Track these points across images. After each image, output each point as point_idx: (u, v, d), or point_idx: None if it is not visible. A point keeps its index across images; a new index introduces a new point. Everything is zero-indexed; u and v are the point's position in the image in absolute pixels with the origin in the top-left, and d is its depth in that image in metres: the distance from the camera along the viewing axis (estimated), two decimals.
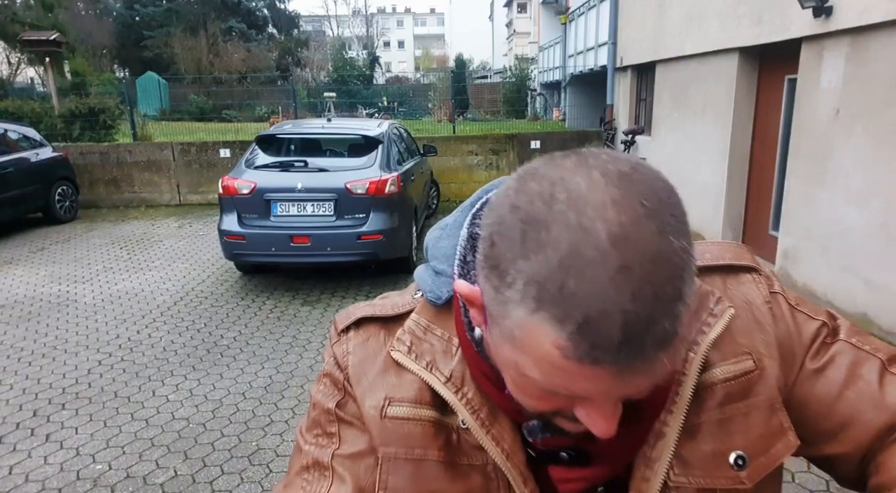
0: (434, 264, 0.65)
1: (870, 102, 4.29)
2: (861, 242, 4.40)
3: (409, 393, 0.62)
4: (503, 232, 0.45)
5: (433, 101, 21.66)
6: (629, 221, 0.42)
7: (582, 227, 0.42)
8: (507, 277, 0.44)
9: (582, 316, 0.40)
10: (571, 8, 15.19)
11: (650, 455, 0.58)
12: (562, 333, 0.41)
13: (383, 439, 0.62)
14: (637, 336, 0.41)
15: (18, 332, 4.68)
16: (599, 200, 0.42)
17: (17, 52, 22.77)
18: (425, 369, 0.61)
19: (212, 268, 6.32)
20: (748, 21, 5.76)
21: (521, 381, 0.49)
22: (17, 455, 3.07)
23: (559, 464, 0.59)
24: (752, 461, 0.59)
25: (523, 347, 0.45)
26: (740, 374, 0.59)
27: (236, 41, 29.60)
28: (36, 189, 8.10)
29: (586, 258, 0.41)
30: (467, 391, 0.60)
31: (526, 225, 0.44)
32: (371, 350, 0.65)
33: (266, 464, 2.99)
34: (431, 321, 0.64)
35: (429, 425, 0.61)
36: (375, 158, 5.59)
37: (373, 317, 0.67)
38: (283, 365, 4.08)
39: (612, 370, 0.42)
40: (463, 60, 33.60)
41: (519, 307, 0.43)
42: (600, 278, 0.40)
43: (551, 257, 0.42)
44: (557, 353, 0.42)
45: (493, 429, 0.59)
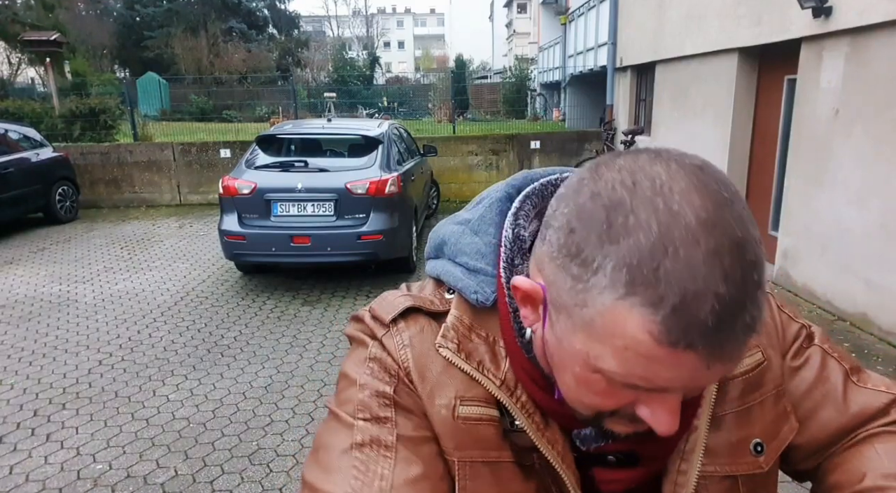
0: (465, 261, 0.62)
1: (869, 102, 4.29)
2: (861, 243, 4.40)
3: (478, 391, 0.59)
4: (584, 219, 0.45)
5: (433, 101, 21.65)
6: (714, 207, 0.43)
7: (670, 211, 0.42)
8: (592, 263, 0.44)
9: (677, 298, 0.41)
10: (571, 8, 15.20)
11: (684, 448, 0.60)
12: (655, 317, 0.41)
13: (458, 442, 0.58)
14: (729, 319, 0.41)
15: (19, 332, 4.69)
16: (682, 186, 0.43)
17: (18, 53, 22.79)
18: (476, 369, 0.59)
19: (212, 268, 6.32)
20: (748, 21, 5.76)
21: (588, 377, 0.48)
22: (18, 455, 3.08)
23: (604, 466, 0.60)
24: (767, 446, 0.62)
25: (605, 336, 0.44)
26: (754, 366, 0.63)
27: (237, 41, 29.62)
28: (36, 189, 8.10)
29: (679, 241, 0.41)
30: (521, 395, 0.59)
31: (610, 211, 0.44)
32: (429, 342, 0.60)
33: (266, 464, 3.00)
34: (473, 321, 0.61)
35: (499, 425, 0.59)
36: (375, 159, 5.60)
37: (420, 308, 0.62)
38: (284, 365, 4.08)
39: (702, 355, 0.42)
40: (463, 61, 33.58)
41: (606, 293, 0.43)
42: (694, 260, 0.41)
43: (642, 240, 0.42)
44: (648, 338, 0.42)
45: (547, 432, 0.59)
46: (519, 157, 10.08)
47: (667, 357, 0.43)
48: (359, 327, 0.65)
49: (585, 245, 0.45)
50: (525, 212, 0.62)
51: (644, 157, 0.47)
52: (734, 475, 0.61)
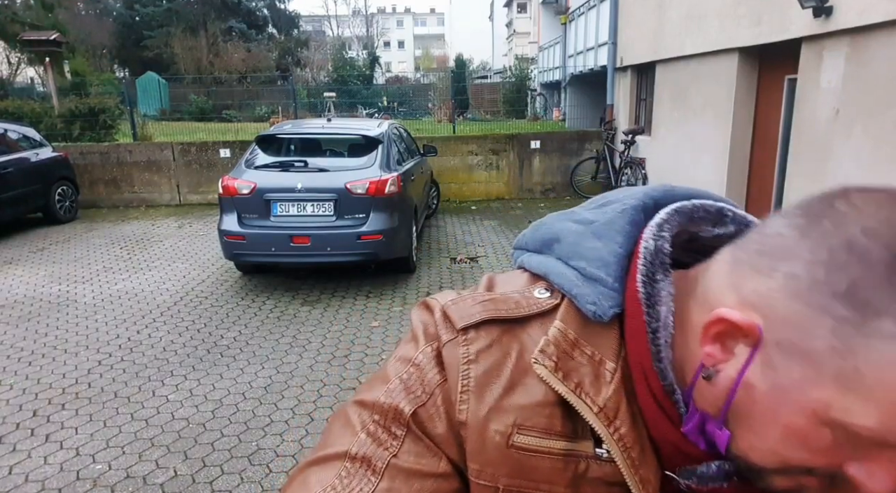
0: (583, 267, 0.56)
1: (869, 102, 4.29)
2: None
3: (539, 420, 0.53)
4: (861, 256, 0.41)
5: (433, 101, 21.65)
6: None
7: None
8: (874, 306, 0.40)
9: None
10: (571, 8, 15.19)
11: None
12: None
13: (506, 469, 0.54)
14: None
15: (18, 332, 4.69)
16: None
17: (17, 52, 22.77)
18: (573, 391, 0.53)
19: (212, 268, 6.32)
20: (748, 21, 5.76)
21: (811, 432, 0.44)
22: (17, 455, 3.07)
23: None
24: None
25: (874, 389, 0.41)
26: None
27: (236, 41, 29.61)
28: (36, 189, 8.10)
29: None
30: (620, 426, 0.53)
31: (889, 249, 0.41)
32: (495, 360, 0.55)
33: (266, 464, 2.99)
34: (580, 336, 0.54)
35: (558, 458, 0.54)
36: (375, 158, 5.59)
37: (497, 319, 0.56)
38: (283, 365, 4.08)
39: None
40: (463, 60, 33.57)
41: (892, 342, 0.39)
42: None
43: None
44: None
45: (641, 469, 0.53)
46: (519, 157, 10.07)
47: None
48: (424, 318, 0.60)
49: (864, 285, 0.40)
50: (670, 226, 0.56)
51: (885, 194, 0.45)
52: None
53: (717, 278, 0.50)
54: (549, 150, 10.13)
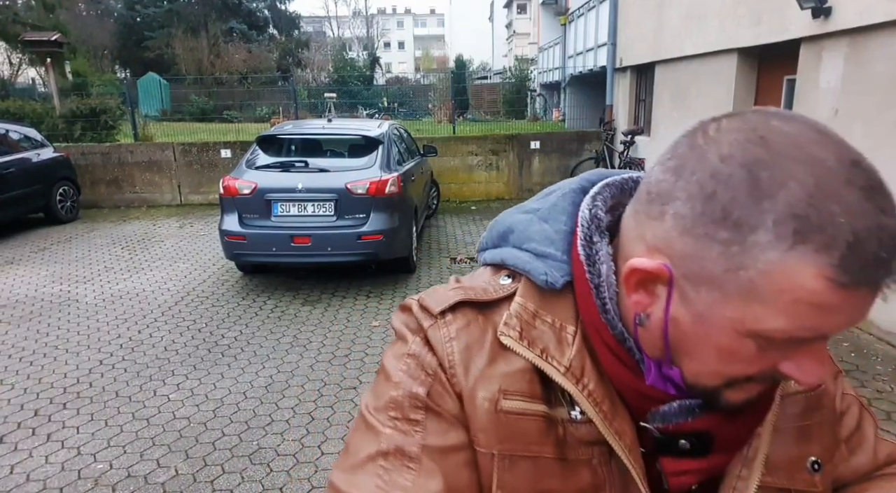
0: (534, 247, 0.61)
1: (869, 102, 4.30)
2: None
3: (522, 385, 0.58)
4: (723, 182, 0.45)
5: (433, 101, 21.66)
6: (848, 150, 0.44)
7: (812, 157, 0.43)
8: (748, 222, 0.44)
9: (850, 238, 0.42)
10: (571, 9, 15.20)
11: (747, 455, 0.60)
12: (830, 259, 0.42)
13: (499, 435, 0.57)
14: (893, 253, 0.43)
15: (20, 332, 4.70)
16: (811, 136, 0.45)
17: (19, 53, 22.79)
18: (539, 356, 0.57)
19: (213, 268, 6.33)
20: (747, 22, 5.77)
21: (737, 346, 0.48)
22: (19, 455, 3.08)
23: (674, 455, 0.59)
24: (825, 466, 0.63)
25: (771, 294, 0.44)
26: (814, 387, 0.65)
27: (237, 42, 29.61)
28: (37, 189, 8.11)
29: (833, 184, 0.42)
30: (588, 383, 0.57)
31: (752, 168, 0.44)
32: (475, 336, 0.59)
33: (267, 463, 3.00)
34: (539, 307, 0.59)
35: (542, 420, 0.58)
36: (376, 159, 5.60)
37: (470, 301, 0.61)
38: (284, 365, 4.09)
39: (873, 291, 0.44)
40: (463, 61, 33.58)
41: (770, 249, 0.43)
42: (853, 199, 0.42)
43: (797, 189, 0.43)
44: (824, 285, 0.43)
45: (615, 423, 0.57)
46: (519, 157, 10.08)
47: (842, 301, 0.44)
48: (404, 318, 0.64)
49: (734, 207, 0.45)
50: (603, 198, 0.62)
51: (752, 116, 0.48)
52: (788, 488, 0.62)
53: (627, 232, 0.55)
54: (548, 150, 10.13)
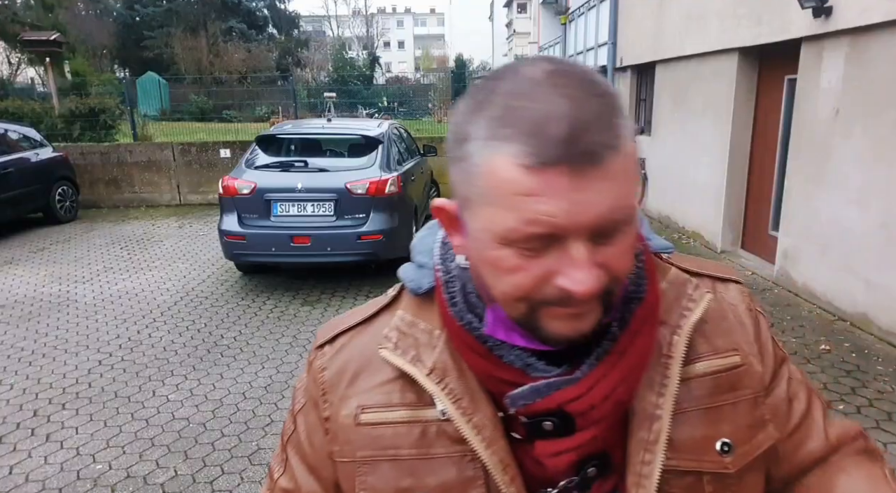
0: (418, 259, 0.69)
1: (869, 102, 4.29)
2: (861, 243, 4.40)
3: (378, 398, 0.64)
4: (461, 109, 0.53)
5: (433, 101, 21.66)
6: (561, 66, 0.51)
7: (519, 74, 0.50)
8: (467, 136, 0.51)
9: (528, 125, 0.47)
10: (571, 8, 15.19)
11: (647, 438, 0.60)
12: (515, 147, 0.47)
13: (358, 444, 0.64)
14: (580, 134, 0.47)
15: (19, 332, 4.69)
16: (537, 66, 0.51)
17: (18, 53, 22.77)
18: (409, 362, 0.63)
19: (212, 268, 6.32)
20: (748, 21, 5.76)
21: (499, 256, 0.52)
22: (18, 455, 3.07)
23: (543, 437, 0.59)
24: (737, 448, 0.62)
25: (491, 194, 0.49)
26: (729, 368, 0.64)
27: (236, 41, 29.61)
28: (36, 189, 8.10)
29: (525, 86, 0.49)
30: (449, 382, 0.61)
31: (476, 94, 0.52)
32: (343, 361, 0.68)
33: (266, 464, 2.99)
34: (416, 316, 0.65)
35: (400, 425, 0.63)
36: (375, 159, 5.60)
37: (346, 329, 0.70)
38: (284, 365, 4.08)
39: (566, 170, 0.47)
40: (463, 60, 33.58)
41: (477, 153, 0.50)
42: (538, 94, 0.48)
43: (498, 99, 0.50)
44: (517, 172, 0.47)
45: (474, 417, 0.60)
46: None
47: (543, 184, 0.47)
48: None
49: (461, 127, 0.52)
50: None
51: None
52: (698, 471, 0.61)
53: None
54: None
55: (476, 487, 0.60)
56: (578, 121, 0.47)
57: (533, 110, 0.47)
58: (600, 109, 0.48)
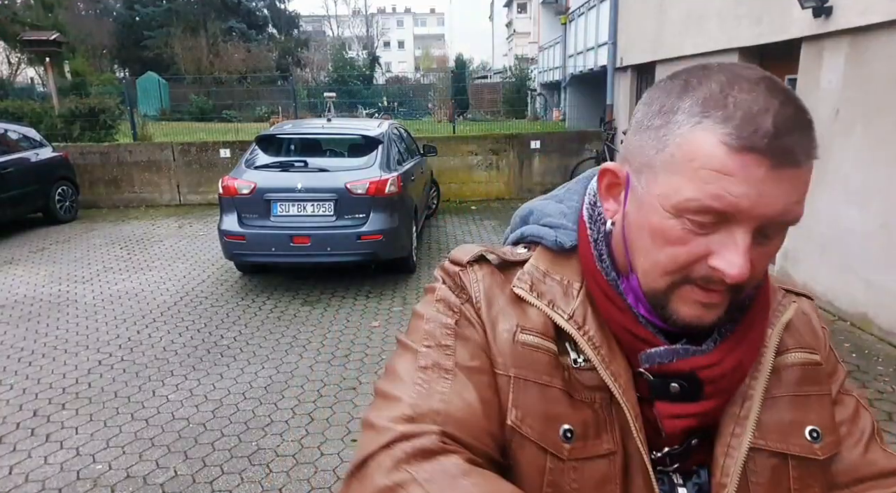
0: (549, 221, 0.72)
1: (870, 102, 4.29)
2: (861, 243, 4.40)
3: (537, 324, 0.66)
4: (663, 89, 0.58)
5: (433, 101, 21.66)
6: (772, 75, 0.55)
7: (734, 72, 0.55)
8: (674, 108, 0.55)
9: (742, 112, 0.52)
10: (571, 8, 15.19)
11: (739, 414, 0.64)
12: (726, 128, 0.52)
13: (515, 361, 0.65)
14: (787, 132, 0.52)
15: (18, 332, 4.69)
16: (751, 69, 0.56)
17: (18, 53, 22.76)
18: (547, 306, 0.66)
19: (212, 268, 6.32)
20: (748, 21, 5.76)
21: (664, 226, 0.56)
22: (18, 455, 3.07)
23: (667, 399, 0.63)
24: (825, 436, 0.66)
25: (684, 163, 0.54)
26: (813, 363, 0.69)
27: (236, 41, 29.60)
28: (36, 189, 8.10)
29: (743, 83, 0.54)
30: (588, 329, 0.65)
31: (687, 77, 0.57)
32: (497, 281, 0.69)
33: (266, 464, 2.99)
34: (549, 268, 0.69)
35: (552, 356, 0.65)
36: (375, 159, 5.59)
37: (490, 253, 0.71)
38: (283, 365, 4.08)
39: (767, 162, 0.51)
40: (463, 60, 33.58)
41: (684, 125, 0.54)
42: (756, 93, 0.53)
43: (713, 85, 0.54)
44: (721, 149, 0.52)
45: (611, 366, 0.63)
46: (519, 157, 10.07)
47: (735, 166, 0.51)
48: (437, 273, 0.74)
49: (666, 101, 0.57)
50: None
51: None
52: (784, 453, 0.64)
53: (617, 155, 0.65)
54: (548, 150, 10.12)
55: (606, 432, 0.64)
56: (786, 123, 0.52)
57: (748, 102, 0.52)
58: (805, 120, 0.53)
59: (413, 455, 0.56)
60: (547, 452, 0.63)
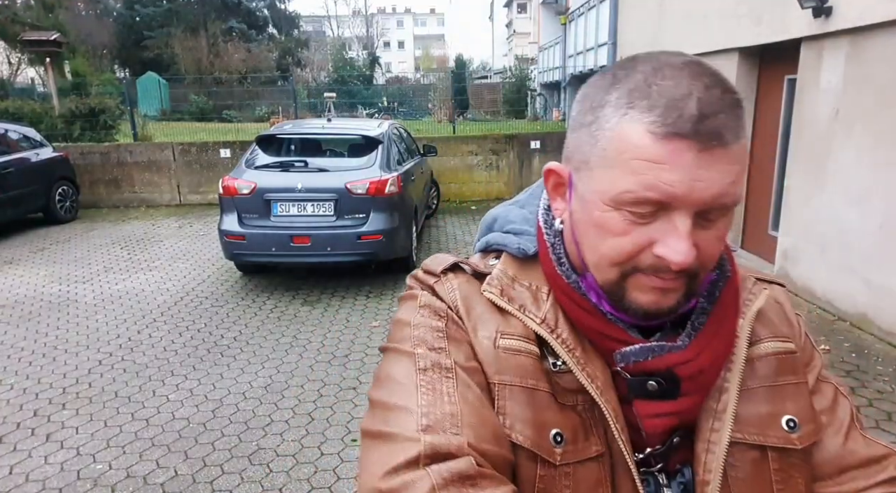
0: (512, 228, 0.72)
1: (869, 102, 4.29)
2: (860, 243, 4.40)
3: (517, 328, 0.65)
4: (596, 84, 0.59)
5: (433, 101, 21.65)
6: (697, 60, 0.56)
7: (660, 60, 0.55)
8: (602, 103, 0.56)
9: (665, 100, 0.52)
10: (571, 8, 15.19)
11: (716, 408, 0.64)
12: (650, 116, 0.52)
13: (498, 368, 0.64)
14: (712, 115, 0.52)
15: (19, 332, 4.69)
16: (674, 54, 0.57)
17: (18, 53, 22.77)
18: (518, 310, 0.66)
19: (212, 268, 6.32)
20: (748, 21, 5.76)
21: (607, 218, 0.56)
22: (18, 455, 3.07)
23: (646, 398, 0.63)
24: (802, 425, 0.65)
25: (617, 156, 0.54)
26: (788, 351, 0.68)
27: (236, 41, 29.58)
28: (36, 189, 8.10)
29: (667, 70, 0.54)
30: (561, 332, 0.64)
31: (615, 71, 0.57)
32: (473, 289, 0.69)
33: (266, 464, 3.00)
34: (517, 274, 0.69)
35: (536, 359, 0.64)
36: (375, 159, 5.60)
37: (463, 266, 0.72)
38: (283, 365, 4.08)
39: (694, 145, 0.52)
40: (463, 61, 33.59)
41: (612, 118, 0.54)
42: (679, 78, 0.53)
43: (638, 76, 0.55)
44: (648, 139, 0.52)
45: (587, 367, 0.63)
46: (519, 157, 10.07)
47: (666, 154, 0.52)
48: (411, 282, 0.74)
49: (595, 97, 0.57)
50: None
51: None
52: (763, 445, 0.64)
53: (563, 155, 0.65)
54: (548, 150, 10.12)
55: (594, 434, 0.64)
56: (711, 105, 0.52)
57: (671, 88, 0.52)
58: (731, 100, 0.53)
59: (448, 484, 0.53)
60: (537, 459, 0.62)
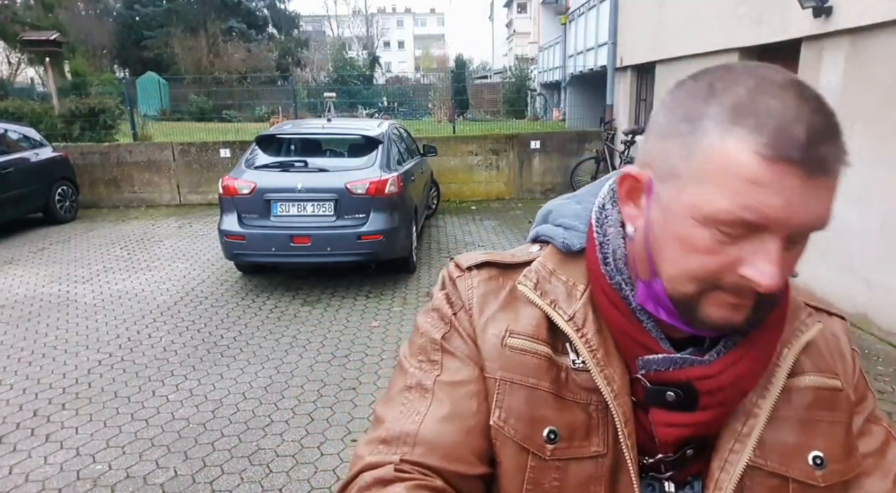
0: (563, 222, 0.72)
1: (869, 102, 4.29)
2: (860, 243, 4.40)
3: (527, 328, 0.67)
4: (687, 92, 0.56)
5: (433, 101, 21.64)
6: (798, 78, 0.54)
7: (762, 75, 0.53)
8: (700, 115, 0.53)
9: (774, 120, 0.50)
10: (571, 8, 15.18)
11: (741, 431, 0.64)
12: (760, 138, 0.50)
13: (502, 364, 0.67)
14: (820, 143, 0.50)
15: (18, 332, 4.69)
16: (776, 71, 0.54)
17: (18, 52, 22.76)
18: (549, 305, 0.67)
19: (212, 268, 6.32)
20: (748, 21, 5.76)
21: (694, 235, 0.54)
22: (18, 455, 3.07)
23: (662, 407, 0.63)
24: (830, 464, 0.64)
25: (714, 172, 0.52)
26: (829, 388, 0.67)
27: (236, 41, 29.57)
28: (36, 189, 8.10)
29: (773, 88, 0.52)
30: (587, 332, 0.65)
31: (712, 80, 0.54)
32: (492, 287, 0.71)
33: (266, 464, 2.99)
34: (557, 267, 0.69)
35: (543, 359, 0.66)
36: (375, 159, 5.59)
37: (493, 262, 0.73)
38: (283, 365, 4.08)
39: (802, 173, 0.50)
40: (463, 60, 33.60)
41: (713, 132, 0.52)
42: (787, 99, 0.51)
43: (741, 90, 0.52)
44: (753, 159, 0.50)
45: (606, 369, 0.64)
46: (519, 157, 10.07)
47: (773, 177, 0.50)
48: (442, 274, 0.76)
49: (692, 106, 0.54)
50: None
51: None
52: (784, 475, 0.63)
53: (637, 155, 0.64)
54: (548, 150, 10.12)
55: (597, 434, 0.65)
56: (820, 131, 0.50)
57: (780, 109, 0.50)
58: (837, 128, 0.52)
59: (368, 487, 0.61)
60: (529, 451, 0.65)
